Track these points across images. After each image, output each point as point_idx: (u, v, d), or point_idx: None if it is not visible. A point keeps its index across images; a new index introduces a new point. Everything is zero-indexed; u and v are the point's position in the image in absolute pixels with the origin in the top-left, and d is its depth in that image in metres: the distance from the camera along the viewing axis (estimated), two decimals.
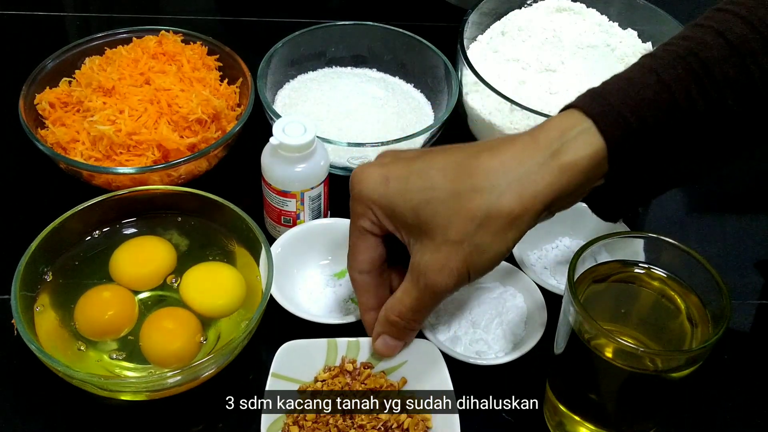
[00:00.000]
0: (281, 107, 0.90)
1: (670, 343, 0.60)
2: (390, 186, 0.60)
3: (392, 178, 0.60)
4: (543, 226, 0.79)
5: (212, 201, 0.73)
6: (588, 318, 0.55)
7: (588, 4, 0.93)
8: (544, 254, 0.79)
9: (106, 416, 0.67)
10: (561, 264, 0.77)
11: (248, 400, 0.63)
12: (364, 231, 0.63)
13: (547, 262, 0.78)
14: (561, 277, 0.76)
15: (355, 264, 0.65)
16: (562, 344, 0.61)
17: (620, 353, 0.56)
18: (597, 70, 0.86)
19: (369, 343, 0.67)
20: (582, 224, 0.77)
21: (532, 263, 0.78)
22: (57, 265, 0.71)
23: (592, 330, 0.56)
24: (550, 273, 0.77)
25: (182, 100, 0.82)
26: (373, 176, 0.61)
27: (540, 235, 0.79)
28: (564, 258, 0.78)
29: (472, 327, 0.71)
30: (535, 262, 0.78)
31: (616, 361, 0.56)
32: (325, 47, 0.95)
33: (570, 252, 0.78)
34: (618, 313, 0.62)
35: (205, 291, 0.71)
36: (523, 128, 0.80)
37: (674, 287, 0.60)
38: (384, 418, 0.63)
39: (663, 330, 0.61)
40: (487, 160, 0.57)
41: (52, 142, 0.81)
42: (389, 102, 0.90)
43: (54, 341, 0.67)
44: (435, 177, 0.58)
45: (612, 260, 0.62)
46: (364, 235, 0.63)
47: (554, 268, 0.78)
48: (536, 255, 0.79)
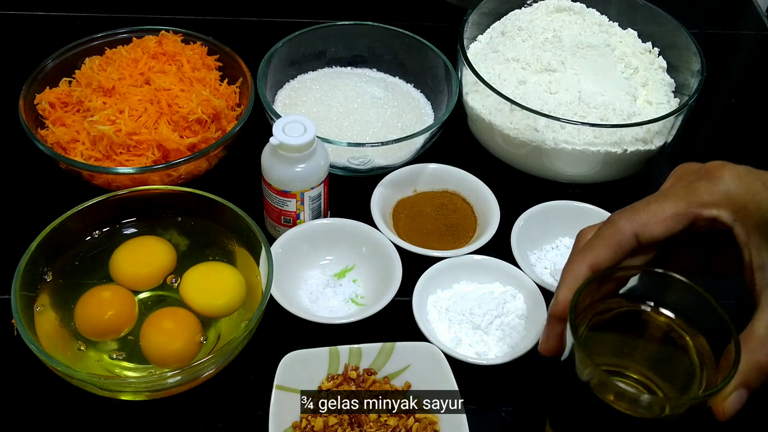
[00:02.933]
0: (281, 107, 0.90)
1: (678, 382, 0.57)
2: None
3: None
4: (542, 226, 0.79)
5: (212, 201, 0.73)
6: (590, 363, 0.53)
7: (588, 4, 0.93)
8: (543, 254, 0.79)
9: (106, 416, 0.67)
10: (560, 264, 0.77)
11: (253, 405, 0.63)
12: (689, 217, 0.57)
13: (547, 263, 0.78)
14: None
15: (641, 224, 0.58)
16: None
17: (623, 397, 0.54)
18: (597, 70, 0.86)
19: (371, 349, 0.67)
20: (582, 224, 0.77)
21: (532, 263, 0.78)
22: (57, 265, 0.71)
23: (594, 373, 0.54)
24: (550, 273, 0.77)
25: (182, 100, 0.82)
26: None
27: (539, 235, 0.79)
28: (563, 258, 0.78)
29: (472, 328, 0.72)
30: (535, 263, 0.78)
31: (618, 403, 0.54)
32: (325, 47, 0.95)
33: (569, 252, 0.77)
34: (622, 349, 0.60)
35: (205, 291, 0.71)
36: (523, 128, 0.81)
37: (681, 325, 0.58)
38: (392, 424, 0.63)
39: (670, 367, 0.59)
40: None
41: (52, 142, 0.81)
42: (389, 102, 0.90)
43: (54, 341, 0.67)
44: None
45: (616, 295, 0.59)
46: (675, 215, 0.57)
47: (554, 267, 0.78)
48: (536, 255, 0.79)
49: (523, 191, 0.85)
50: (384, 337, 0.68)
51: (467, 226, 0.81)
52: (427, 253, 0.75)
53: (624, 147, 0.80)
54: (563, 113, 0.82)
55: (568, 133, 0.79)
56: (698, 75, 0.85)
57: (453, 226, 0.81)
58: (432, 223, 0.81)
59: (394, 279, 0.72)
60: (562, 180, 0.84)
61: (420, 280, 0.73)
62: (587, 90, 0.84)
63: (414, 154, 0.85)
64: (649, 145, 0.82)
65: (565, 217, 0.80)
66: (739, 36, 1.15)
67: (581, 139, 0.79)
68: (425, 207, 0.83)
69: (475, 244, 0.77)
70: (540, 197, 0.81)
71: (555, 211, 0.80)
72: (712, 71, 0.85)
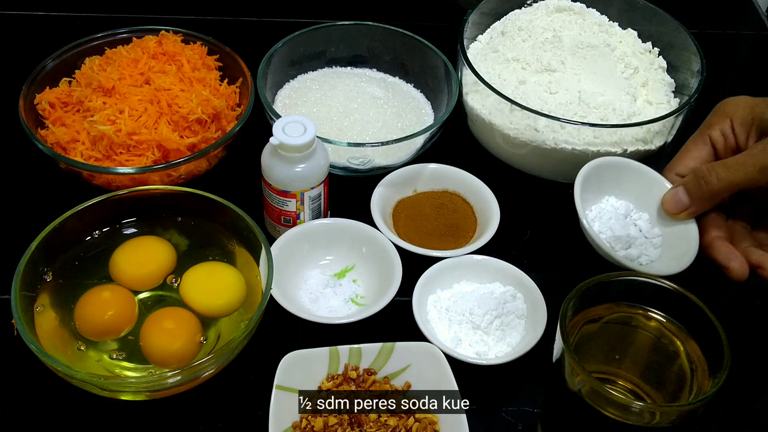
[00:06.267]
0: (281, 107, 0.90)
1: (669, 388, 0.57)
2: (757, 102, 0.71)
3: None
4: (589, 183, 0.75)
5: (212, 201, 0.73)
6: (581, 370, 0.54)
7: (588, 4, 0.93)
8: (597, 215, 0.76)
9: (106, 416, 0.67)
10: (618, 230, 0.74)
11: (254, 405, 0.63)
12: (706, 140, 0.72)
13: (603, 226, 0.75)
14: (618, 245, 0.74)
15: (676, 166, 0.73)
16: None
17: (613, 403, 0.54)
18: (597, 70, 0.86)
19: (371, 349, 0.67)
20: (636, 186, 0.77)
21: (592, 219, 0.75)
22: (57, 265, 0.71)
23: (586, 381, 0.54)
24: (606, 239, 0.73)
25: (182, 100, 0.82)
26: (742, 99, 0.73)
27: (588, 194, 0.76)
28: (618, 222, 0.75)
29: (472, 328, 0.72)
30: (590, 224, 0.74)
31: (609, 410, 0.54)
32: (325, 47, 0.95)
33: (618, 215, 0.75)
34: (613, 355, 0.60)
35: (205, 291, 0.71)
36: (523, 128, 0.81)
37: (672, 329, 0.58)
38: (392, 424, 0.63)
39: (661, 374, 0.59)
40: None
41: (52, 142, 0.81)
42: (389, 102, 0.90)
43: (54, 341, 0.67)
44: None
45: (606, 301, 0.60)
46: (702, 144, 0.72)
47: (611, 233, 0.74)
48: (590, 216, 0.75)
49: (523, 191, 0.85)
50: (384, 337, 0.68)
51: (467, 226, 0.81)
52: (427, 253, 0.75)
53: (624, 147, 0.80)
54: (563, 113, 0.82)
55: (568, 133, 0.79)
56: (698, 75, 0.85)
57: (453, 226, 0.81)
58: (432, 223, 0.81)
59: (394, 279, 0.72)
60: (562, 180, 0.84)
61: (420, 280, 0.73)
62: (587, 90, 0.84)
63: (414, 154, 0.85)
64: (649, 145, 0.82)
65: (609, 175, 0.76)
66: (739, 36, 1.15)
67: (581, 139, 0.79)
68: (425, 207, 0.83)
69: (475, 244, 0.77)
70: (540, 197, 0.81)
71: (599, 169, 0.76)
72: (712, 71, 0.85)
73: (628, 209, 0.76)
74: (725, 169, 0.67)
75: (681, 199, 0.70)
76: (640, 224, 0.75)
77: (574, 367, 0.54)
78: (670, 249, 0.74)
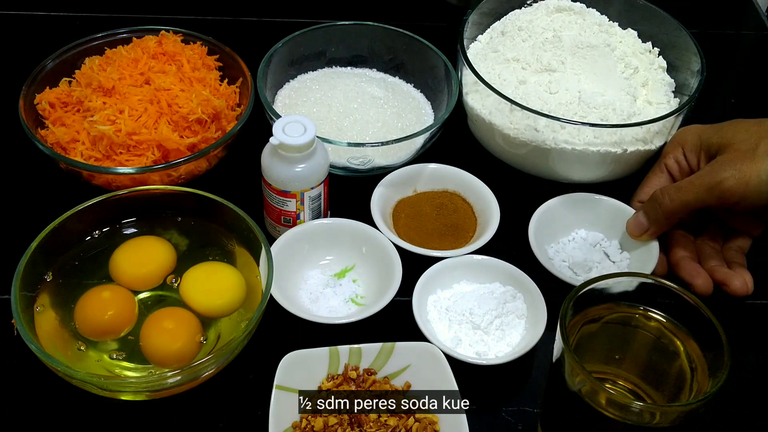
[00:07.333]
0: (281, 107, 0.90)
1: (669, 388, 0.57)
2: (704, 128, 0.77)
3: None
4: (558, 219, 0.79)
5: (212, 201, 0.73)
6: (581, 370, 0.54)
7: (588, 4, 0.93)
8: (561, 247, 0.80)
9: (106, 416, 0.67)
10: (579, 257, 0.78)
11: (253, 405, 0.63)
12: (663, 169, 0.79)
13: (565, 255, 0.79)
14: (579, 270, 0.77)
15: (639, 195, 0.80)
16: None
17: (613, 403, 0.54)
18: (597, 70, 0.86)
19: (371, 349, 0.67)
20: (598, 217, 0.80)
21: (551, 257, 0.78)
22: (57, 265, 0.71)
23: (586, 381, 0.54)
24: (569, 266, 0.78)
25: (182, 100, 0.82)
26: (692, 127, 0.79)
27: (556, 229, 0.79)
28: (581, 251, 0.79)
29: (472, 328, 0.72)
30: (554, 256, 0.78)
31: (609, 410, 0.54)
32: (325, 47, 0.95)
33: (586, 244, 0.79)
34: (613, 355, 0.60)
35: (205, 291, 0.71)
36: (522, 128, 0.81)
37: (672, 329, 0.58)
38: (392, 424, 0.63)
39: (661, 374, 0.59)
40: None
41: (52, 142, 0.81)
42: (389, 102, 0.90)
43: (54, 341, 0.67)
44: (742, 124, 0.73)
45: (606, 301, 0.60)
46: (659, 172, 0.79)
47: (572, 260, 0.78)
48: (554, 249, 0.79)
49: (523, 191, 0.84)
50: (384, 337, 0.68)
51: (467, 226, 0.81)
52: (427, 253, 0.75)
53: (624, 147, 0.80)
54: (563, 113, 0.82)
55: (568, 133, 0.79)
56: (698, 75, 0.85)
57: (453, 226, 0.81)
58: (432, 223, 0.81)
59: (394, 279, 0.72)
60: (562, 180, 0.84)
61: (420, 280, 0.73)
62: (587, 90, 0.84)
63: (414, 154, 0.85)
64: (649, 145, 0.82)
65: (580, 210, 0.81)
66: (739, 36, 1.15)
67: (581, 139, 0.79)
68: (425, 207, 0.83)
69: (475, 244, 0.77)
70: (540, 197, 0.81)
71: (571, 204, 0.81)
72: (712, 71, 0.85)
73: (596, 239, 0.80)
74: (677, 190, 0.73)
75: (641, 222, 0.76)
76: (609, 251, 0.79)
77: (574, 367, 0.54)
78: (638, 269, 0.77)
